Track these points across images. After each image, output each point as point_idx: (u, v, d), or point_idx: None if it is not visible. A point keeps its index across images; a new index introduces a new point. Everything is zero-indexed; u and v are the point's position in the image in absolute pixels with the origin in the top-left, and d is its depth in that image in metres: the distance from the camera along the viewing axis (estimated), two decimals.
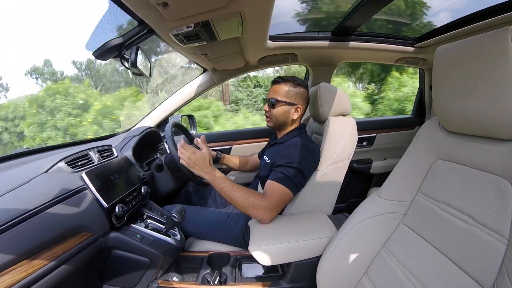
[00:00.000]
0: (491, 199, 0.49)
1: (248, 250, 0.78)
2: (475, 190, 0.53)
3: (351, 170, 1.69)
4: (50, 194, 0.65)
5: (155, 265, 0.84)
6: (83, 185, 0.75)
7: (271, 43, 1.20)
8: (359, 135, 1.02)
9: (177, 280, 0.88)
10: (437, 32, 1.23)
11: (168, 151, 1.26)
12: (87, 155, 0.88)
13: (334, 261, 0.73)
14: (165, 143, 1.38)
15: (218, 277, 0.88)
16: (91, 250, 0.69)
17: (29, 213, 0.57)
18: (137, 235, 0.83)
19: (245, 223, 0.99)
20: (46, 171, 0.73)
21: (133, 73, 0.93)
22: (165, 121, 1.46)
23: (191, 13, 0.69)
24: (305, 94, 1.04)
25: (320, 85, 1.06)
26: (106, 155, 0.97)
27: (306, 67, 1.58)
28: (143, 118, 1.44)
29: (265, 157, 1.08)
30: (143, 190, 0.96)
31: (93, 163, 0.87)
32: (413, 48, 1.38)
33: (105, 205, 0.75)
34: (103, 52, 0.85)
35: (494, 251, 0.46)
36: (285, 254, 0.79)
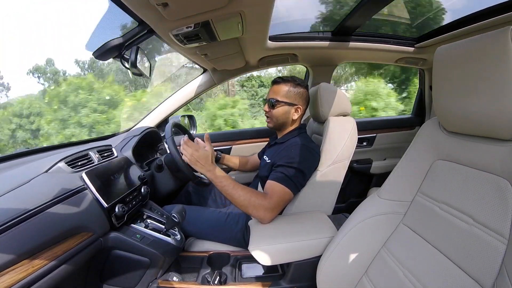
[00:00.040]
0: (491, 199, 0.49)
1: (248, 250, 0.78)
2: (475, 190, 0.53)
3: (351, 170, 1.69)
4: (50, 194, 0.65)
5: (155, 265, 0.84)
6: (83, 185, 0.75)
7: (271, 43, 1.20)
8: (359, 135, 1.02)
9: (177, 280, 0.88)
10: (437, 32, 1.23)
11: (168, 151, 1.26)
12: (87, 155, 0.88)
13: (334, 261, 0.73)
14: (165, 143, 1.38)
15: (218, 277, 0.88)
16: (91, 250, 0.69)
17: (29, 213, 0.57)
18: (137, 235, 0.83)
19: (245, 223, 0.99)
20: (46, 171, 0.73)
21: (133, 73, 0.93)
22: (165, 121, 1.46)
23: (191, 13, 0.69)
24: (305, 94, 1.04)
25: (320, 85, 1.06)
26: (106, 155, 0.97)
27: (306, 67, 1.58)
28: (143, 118, 1.44)
29: (265, 157, 1.08)
30: (143, 190, 0.96)
31: (93, 163, 0.87)
32: (413, 48, 1.38)
33: (105, 205, 0.75)
34: (103, 52, 0.85)
35: (494, 251, 0.46)
36: (285, 254, 0.79)
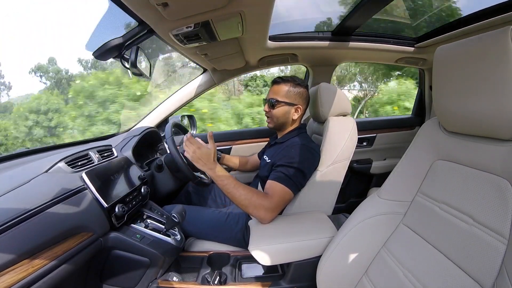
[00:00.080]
0: (491, 199, 0.49)
1: (248, 250, 0.78)
2: (475, 190, 0.52)
3: (351, 170, 1.69)
4: (50, 194, 0.65)
5: (155, 265, 0.84)
6: (83, 185, 0.74)
7: (271, 43, 1.20)
8: (359, 135, 1.02)
9: (177, 280, 0.88)
10: (437, 32, 1.23)
11: (168, 151, 1.26)
12: (87, 155, 0.88)
13: (334, 261, 0.73)
14: (165, 143, 1.38)
15: (218, 277, 0.88)
16: (91, 250, 0.69)
17: (29, 213, 0.57)
18: (137, 235, 0.83)
19: (245, 223, 0.99)
20: (46, 171, 0.73)
21: (133, 73, 0.93)
22: (165, 121, 1.46)
23: (191, 13, 0.69)
24: (305, 94, 1.04)
25: (320, 85, 1.06)
26: (106, 155, 0.97)
27: (306, 67, 1.58)
28: (143, 118, 1.44)
29: (265, 157, 1.08)
30: (143, 190, 0.96)
31: (93, 163, 0.87)
32: (413, 48, 1.38)
33: (105, 205, 0.75)
34: (103, 52, 0.85)
35: (494, 251, 0.46)
36: (285, 254, 0.79)
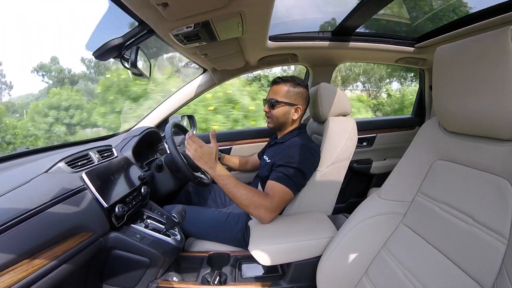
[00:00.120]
0: (491, 199, 0.49)
1: (248, 250, 0.78)
2: (475, 190, 0.52)
3: (351, 170, 1.69)
4: (50, 194, 0.65)
5: (155, 265, 0.84)
6: (83, 185, 0.74)
7: (271, 43, 1.20)
8: (359, 135, 1.02)
9: (177, 280, 0.88)
10: (437, 32, 1.23)
11: (168, 151, 1.26)
12: (87, 155, 0.88)
13: (334, 261, 0.73)
14: (165, 143, 1.38)
15: (218, 277, 0.88)
16: (91, 250, 0.69)
17: (29, 213, 0.57)
18: (137, 235, 0.83)
19: (245, 223, 0.99)
20: (46, 171, 0.73)
21: (133, 74, 0.93)
22: (165, 121, 1.46)
23: (191, 13, 0.69)
24: (305, 93, 1.04)
25: (320, 85, 1.06)
26: (106, 155, 0.97)
27: (306, 67, 1.58)
28: (143, 118, 1.44)
29: (265, 157, 1.08)
30: (143, 190, 0.96)
31: (93, 163, 0.87)
32: (413, 48, 1.38)
33: (105, 205, 0.75)
34: (103, 52, 0.85)
35: (494, 251, 0.46)
36: (285, 254, 0.79)
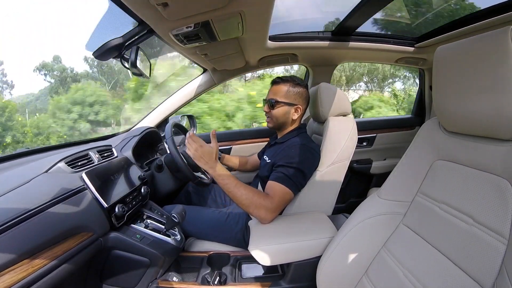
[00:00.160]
0: (491, 199, 0.49)
1: (248, 250, 0.78)
2: (475, 190, 0.52)
3: (351, 170, 1.69)
4: (50, 194, 0.65)
5: (155, 265, 0.84)
6: (83, 185, 0.74)
7: (271, 43, 1.20)
8: (359, 135, 1.02)
9: (177, 280, 0.88)
10: (437, 32, 1.23)
11: (168, 151, 1.26)
12: (87, 155, 0.88)
13: (334, 261, 0.73)
14: (165, 143, 1.38)
15: (218, 277, 0.88)
16: (91, 250, 0.69)
17: (29, 213, 0.57)
18: (137, 235, 0.83)
19: (245, 223, 0.99)
20: (46, 171, 0.73)
21: (133, 73, 0.93)
22: (165, 121, 1.46)
23: (191, 13, 0.69)
24: (305, 93, 1.04)
25: (320, 85, 1.06)
26: (106, 155, 0.97)
27: (306, 67, 1.58)
28: (143, 118, 1.44)
29: (265, 157, 1.08)
30: (143, 190, 0.96)
31: (93, 163, 0.87)
32: (413, 48, 1.38)
33: (105, 205, 0.75)
34: (103, 52, 0.85)
35: (494, 251, 0.46)
36: (285, 254, 0.79)
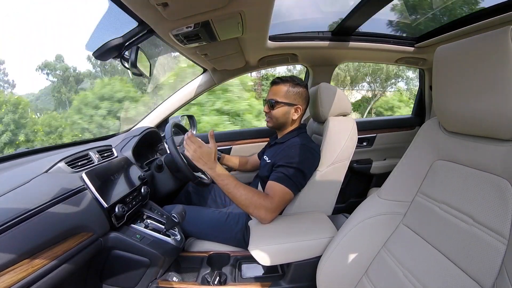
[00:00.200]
0: (491, 199, 0.49)
1: (248, 250, 0.78)
2: (475, 190, 0.52)
3: (351, 170, 1.69)
4: (50, 194, 0.65)
5: (155, 265, 0.84)
6: (83, 185, 0.74)
7: (271, 43, 1.20)
8: (359, 135, 1.02)
9: (177, 280, 0.88)
10: (437, 32, 1.23)
11: (168, 151, 1.26)
12: (87, 155, 0.88)
13: (334, 261, 0.73)
14: (165, 143, 1.38)
15: (218, 277, 0.88)
16: (91, 250, 0.69)
17: (29, 213, 0.57)
18: (137, 235, 0.83)
19: (245, 223, 0.99)
20: (46, 171, 0.73)
21: (133, 73, 0.93)
22: (165, 121, 1.46)
23: (191, 13, 0.69)
24: (305, 93, 1.04)
25: (320, 85, 1.06)
26: (106, 155, 0.97)
27: (306, 67, 1.58)
28: (143, 118, 1.44)
29: (265, 157, 1.08)
30: (143, 190, 0.96)
31: (93, 163, 0.87)
32: (413, 48, 1.38)
33: (105, 205, 0.75)
34: (103, 52, 0.85)
35: (494, 251, 0.46)
36: (285, 254, 0.79)
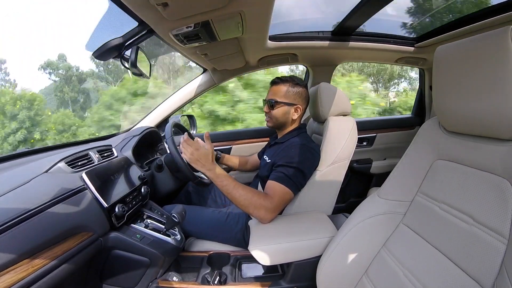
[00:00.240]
0: (491, 199, 0.49)
1: (248, 250, 0.78)
2: (475, 190, 0.52)
3: (351, 170, 1.68)
4: (50, 194, 0.65)
5: (155, 265, 0.84)
6: (83, 185, 0.74)
7: (271, 43, 1.20)
8: (359, 135, 1.02)
9: (177, 280, 0.88)
10: (437, 31, 1.23)
11: (168, 151, 1.26)
12: (87, 155, 0.88)
13: (334, 261, 0.73)
14: (165, 143, 1.38)
15: (218, 277, 0.88)
16: (91, 250, 0.69)
17: (29, 213, 0.57)
18: (137, 235, 0.83)
19: (245, 223, 0.99)
20: (46, 171, 0.73)
21: (133, 73, 0.93)
22: (165, 121, 1.46)
23: (191, 13, 0.69)
24: (305, 93, 1.04)
25: (320, 85, 1.06)
26: (106, 155, 0.97)
27: (306, 67, 1.58)
28: (143, 118, 1.44)
29: (265, 157, 1.08)
30: (143, 190, 0.96)
31: (93, 163, 0.87)
32: (413, 48, 1.38)
33: (105, 205, 0.75)
34: (103, 52, 0.85)
35: (494, 251, 0.46)
36: (285, 254, 0.79)
